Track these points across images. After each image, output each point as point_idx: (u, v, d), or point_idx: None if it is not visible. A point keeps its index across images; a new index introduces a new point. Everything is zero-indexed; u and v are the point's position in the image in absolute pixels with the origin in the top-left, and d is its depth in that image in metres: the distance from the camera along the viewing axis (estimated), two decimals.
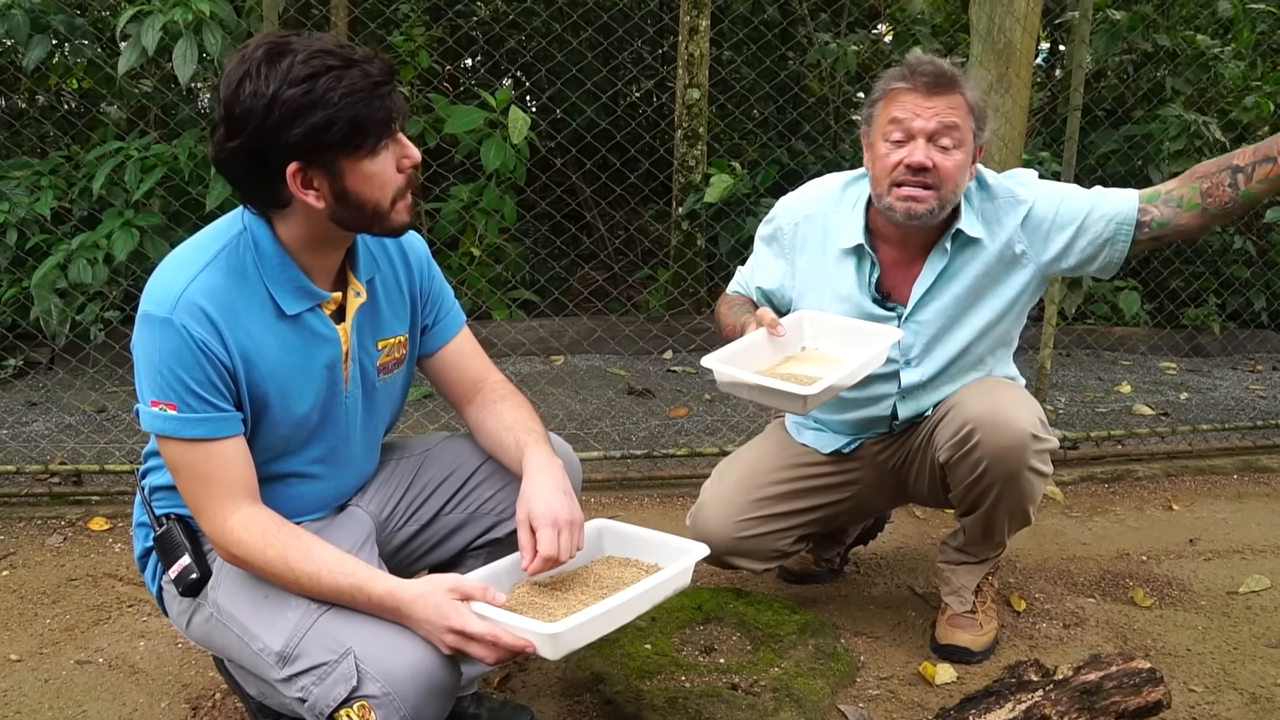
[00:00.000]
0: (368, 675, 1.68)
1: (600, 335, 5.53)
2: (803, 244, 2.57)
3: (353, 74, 1.66)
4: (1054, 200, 2.44)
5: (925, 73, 2.31)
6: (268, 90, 1.63)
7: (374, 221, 1.78)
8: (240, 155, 1.68)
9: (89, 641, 2.65)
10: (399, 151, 1.76)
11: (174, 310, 1.71)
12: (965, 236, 2.44)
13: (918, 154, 2.30)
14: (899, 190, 2.34)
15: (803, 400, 2.14)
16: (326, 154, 1.67)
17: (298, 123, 1.64)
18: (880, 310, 2.51)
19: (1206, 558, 3.27)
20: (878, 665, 2.59)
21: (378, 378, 2.00)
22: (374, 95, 1.67)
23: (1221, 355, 6.20)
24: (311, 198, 1.72)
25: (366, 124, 1.67)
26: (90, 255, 4.30)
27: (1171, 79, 5.96)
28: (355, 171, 1.71)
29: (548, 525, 1.83)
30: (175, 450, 1.77)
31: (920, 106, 2.30)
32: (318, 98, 1.63)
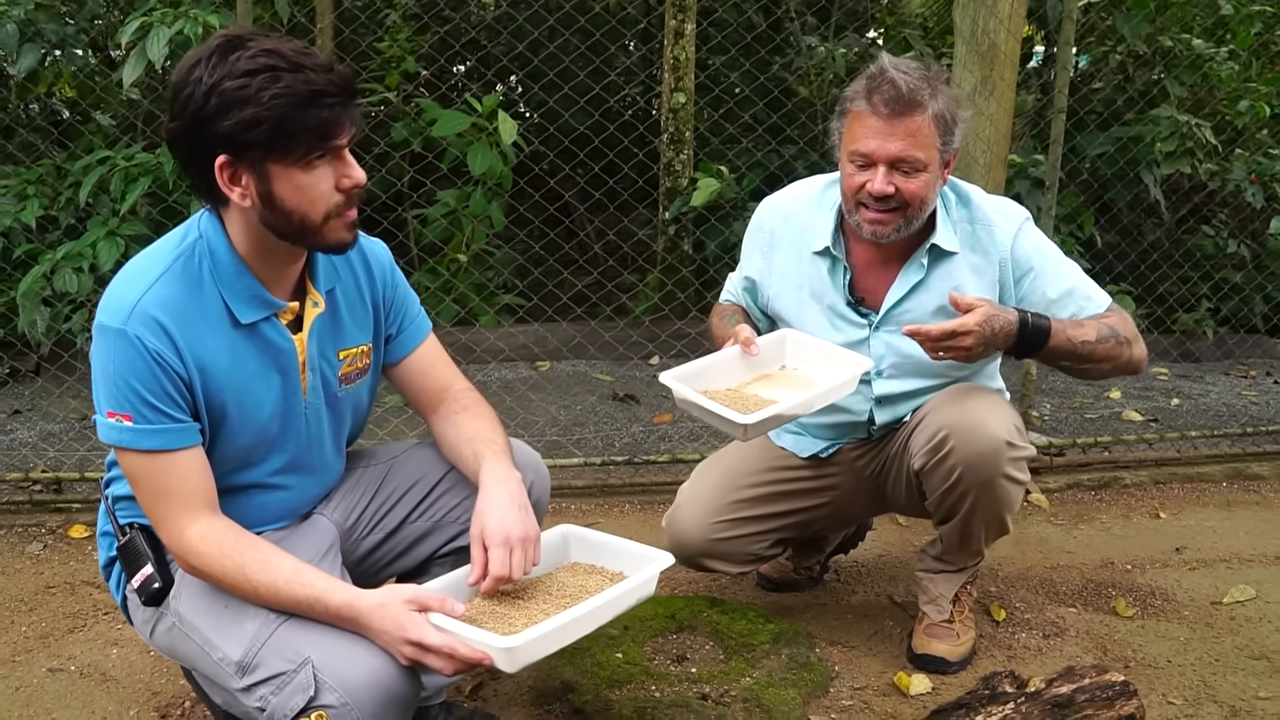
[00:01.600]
0: (325, 685, 1.66)
1: (585, 341, 5.52)
2: (780, 243, 2.57)
3: (294, 78, 1.65)
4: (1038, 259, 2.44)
5: (885, 95, 2.26)
6: (210, 79, 1.64)
7: (304, 233, 1.76)
8: (179, 138, 1.70)
9: (62, 649, 2.64)
10: (340, 170, 1.74)
11: (128, 321, 1.71)
12: (941, 250, 2.43)
13: (878, 182, 2.29)
14: (864, 212, 2.35)
15: (743, 428, 2.14)
16: (253, 152, 1.67)
17: (228, 115, 1.63)
18: (854, 315, 2.50)
19: (1192, 567, 3.25)
20: (852, 675, 2.57)
21: (340, 388, 1.99)
22: (310, 104, 1.65)
23: (1214, 360, 6.17)
24: (237, 195, 1.71)
25: (294, 130, 1.66)
26: (75, 265, 4.28)
27: (1166, 80, 5.94)
28: (284, 178, 1.70)
29: (499, 544, 1.82)
30: (132, 461, 1.76)
31: (880, 133, 2.27)
32: (250, 94, 1.63)
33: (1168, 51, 6.02)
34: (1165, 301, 5.88)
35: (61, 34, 4.58)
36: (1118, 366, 2.40)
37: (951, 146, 2.34)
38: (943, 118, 2.29)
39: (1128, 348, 2.38)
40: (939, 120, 2.28)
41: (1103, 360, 2.37)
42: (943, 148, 2.31)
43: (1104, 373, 2.43)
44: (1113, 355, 2.36)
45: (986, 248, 2.44)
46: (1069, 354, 2.32)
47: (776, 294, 2.59)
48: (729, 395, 2.28)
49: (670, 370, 2.27)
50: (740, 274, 2.68)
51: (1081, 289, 2.44)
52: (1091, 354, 2.34)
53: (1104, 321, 2.37)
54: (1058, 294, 2.42)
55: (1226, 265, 6.25)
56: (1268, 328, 6.40)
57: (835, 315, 2.51)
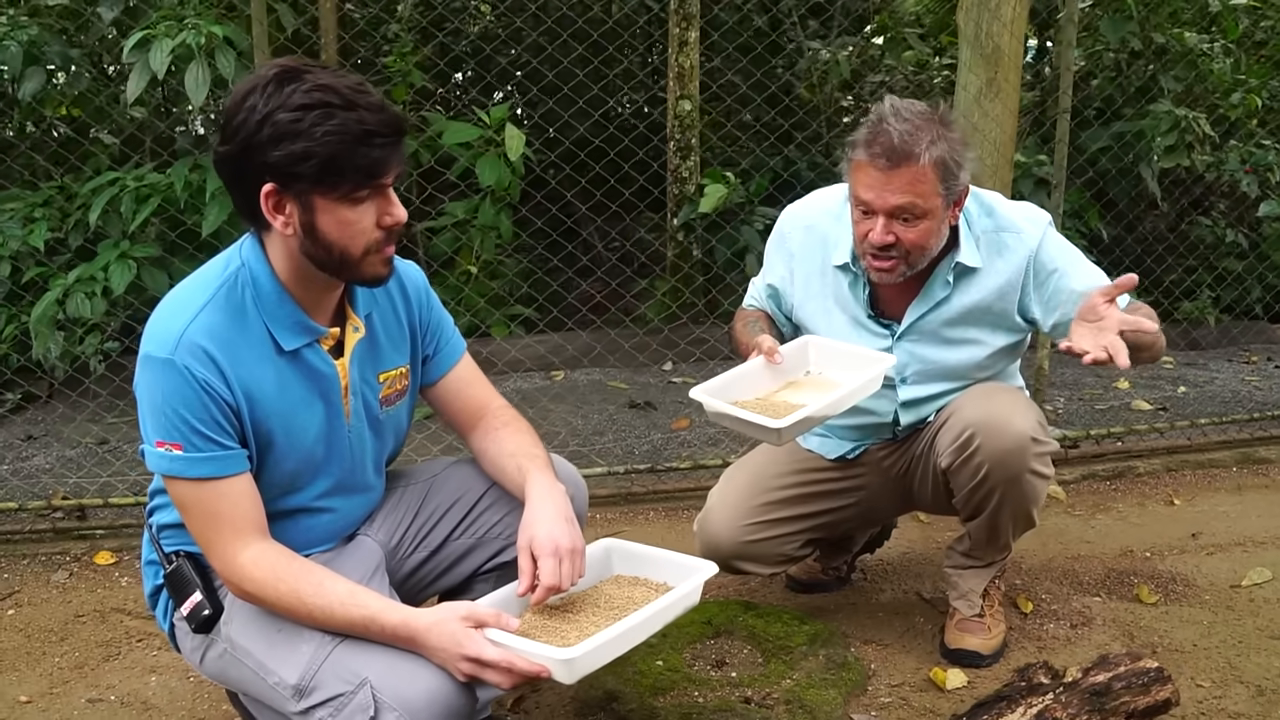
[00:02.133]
0: (385, 704, 1.69)
1: (600, 350, 5.54)
2: (803, 253, 2.60)
3: (347, 116, 1.67)
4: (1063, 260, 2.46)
5: (882, 146, 2.25)
6: (265, 108, 1.67)
7: (342, 267, 1.79)
8: (227, 161, 1.73)
9: (99, 679, 2.64)
10: (383, 208, 1.77)
11: (175, 351, 1.73)
12: (964, 267, 2.45)
13: (877, 233, 2.31)
14: (869, 259, 2.38)
15: (776, 433, 2.17)
16: (300, 184, 1.69)
17: (280, 146, 1.66)
18: (875, 325, 2.53)
19: (1209, 552, 3.29)
20: (888, 673, 2.60)
21: (381, 410, 2.01)
22: (362, 143, 1.68)
23: (1217, 348, 6.22)
24: (280, 223, 1.74)
25: (344, 168, 1.69)
26: (88, 289, 4.30)
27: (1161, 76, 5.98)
28: (329, 212, 1.73)
29: (549, 554, 1.84)
30: (183, 490, 1.78)
31: (878, 184, 2.28)
32: (303, 128, 1.65)
33: (1161, 47, 6.06)
34: (1169, 292, 5.92)
35: (66, 56, 4.59)
36: (1154, 354, 2.41)
37: (957, 188, 2.33)
38: (943, 163, 2.28)
39: (1160, 336, 2.39)
40: (939, 166, 2.27)
41: (1147, 349, 2.36)
42: (945, 192, 2.31)
43: (1143, 360, 2.41)
44: (1155, 342, 2.36)
45: (1015, 251, 2.46)
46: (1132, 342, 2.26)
47: (801, 303, 2.62)
48: (758, 404, 2.31)
49: (699, 385, 2.30)
50: (764, 281, 2.71)
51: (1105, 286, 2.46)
52: (1141, 342, 2.30)
53: (1143, 312, 2.37)
54: (1084, 288, 2.42)
55: (1226, 254, 6.30)
56: (1268, 314, 6.45)
57: (858, 325, 2.54)
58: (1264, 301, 6.40)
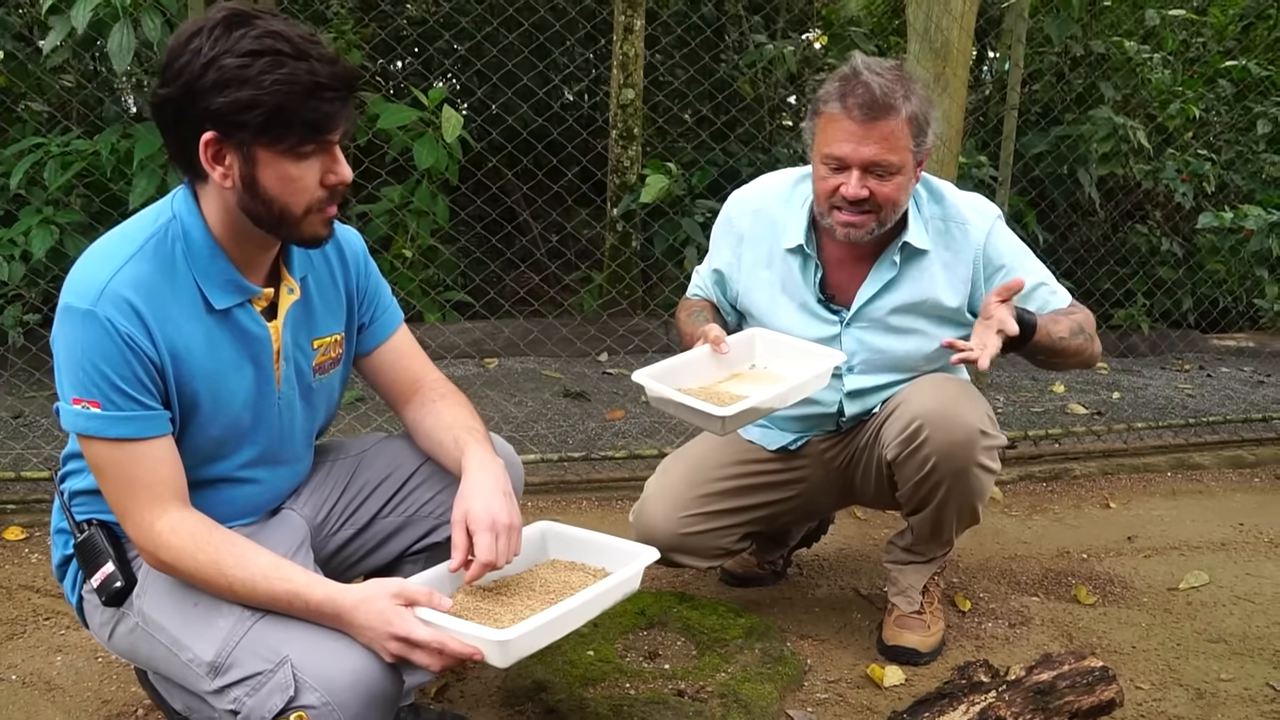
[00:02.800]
0: (306, 684, 1.60)
1: (536, 337, 5.46)
2: (750, 239, 2.54)
3: (297, 65, 1.59)
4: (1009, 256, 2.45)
5: (859, 100, 2.23)
6: (211, 52, 1.58)
7: (281, 224, 1.70)
8: (167, 106, 1.63)
9: (2, 658, 2.52)
10: (328, 165, 1.69)
11: (98, 302, 1.63)
12: (912, 248, 2.42)
13: (852, 186, 2.28)
14: (838, 214, 2.33)
15: (720, 421, 2.12)
16: (242, 134, 1.61)
17: (224, 92, 1.57)
18: (825, 311, 2.48)
19: (1146, 554, 3.29)
20: (825, 668, 2.56)
21: (314, 378, 1.92)
22: (312, 94, 1.60)
23: (1152, 355, 6.29)
24: (218, 174, 1.65)
25: (291, 120, 1.60)
26: (7, 252, 4.14)
27: (1101, 84, 6.04)
28: (271, 165, 1.64)
29: (485, 529, 1.76)
30: (99, 450, 1.68)
31: (854, 136, 2.25)
32: (250, 75, 1.56)
33: (1102, 55, 6.12)
34: (1104, 299, 5.97)
35: None
36: (1082, 361, 2.43)
37: (924, 147, 2.32)
38: (916, 119, 2.27)
39: (1090, 344, 2.40)
40: (912, 122, 2.26)
41: (1073, 355, 2.38)
42: (916, 149, 2.30)
43: (1069, 366, 2.46)
44: (1080, 350, 2.38)
45: (960, 245, 2.43)
46: (1046, 348, 2.33)
47: (746, 290, 2.56)
48: (702, 393, 2.25)
49: (642, 369, 2.23)
50: (709, 267, 2.65)
51: (1049, 284, 2.46)
52: (1065, 349, 2.35)
53: (1073, 318, 2.38)
54: (1029, 287, 2.42)
55: (1160, 263, 6.37)
56: (1200, 324, 6.54)
57: (807, 312, 2.49)
58: (1196, 312, 6.48)
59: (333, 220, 1.76)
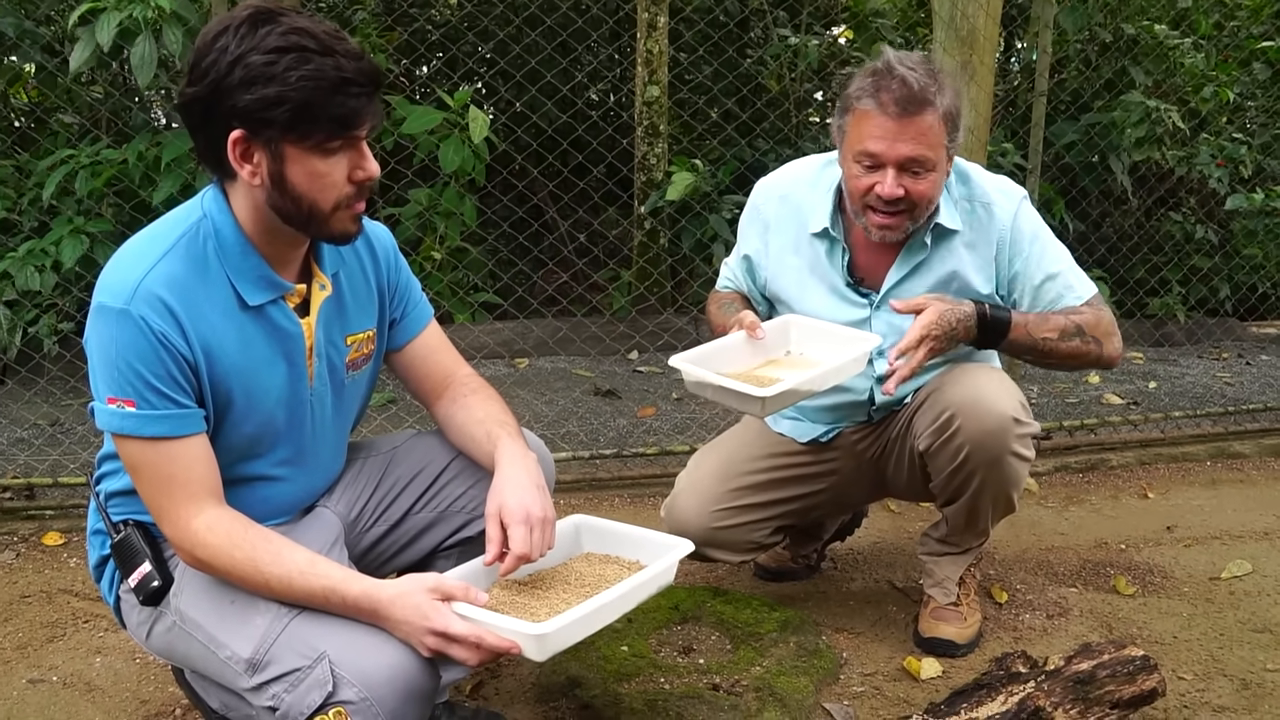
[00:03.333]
0: (344, 680, 1.60)
1: (565, 335, 5.46)
2: (777, 224, 2.52)
3: (323, 61, 1.59)
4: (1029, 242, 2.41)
5: (894, 95, 2.20)
6: (237, 50, 1.58)
7: (310, 221, 1.70)
8: (195, 105, 1.63)
9: (42, 659, 2.54)
10: (355, 161, 1.69)
11: (131, 301, 1.63)
12: (943, 229, 2.40)
13: (888, 185, 2.24)
14: (872, 215, 2.31)
15: (760, 402, 2.10)
16: (270, 131, 1.61)
17: (251, 90, 1.57)
18: (854, 295, 2.46)
19: (1186, 544, 3.25)
20: (861, 661, 2.54)
21: (347, 374, 1.92)
22: (338, 90, 1.60)
23: (1188, 344, 6.22)
24: (246, 172, 1.65)
25: (318, 115, 1.60)
26: (38, 262, 4.17)
27: (1131, 69, 5.97)
28: (299, 162, 1.64)
29: (519, 522, 1.76)
30: (134, 449, 1.69)
31: (890, 134, 2.21)
32: (276, 72, 1.57)
33: (1132, 40, 6.05)
34: (1138, 287, 5.91)
35: (20, 28, 4.45)
36: (1084, 364, 2.39)
37: (956, 142, 2.30)
38: (950, 115, 2.24)
39: (1096, 347, 2.35)
40: (947, 118, 2.23)
41: (1066, 357, 2.35)
42: (949, 145, 2.27)
43: (1069, 367, 2.42)
44: (1077, 353, 2.34)
45: (985, 226, 2.41)
46: (1029, 348, 2.31)
47: (775, 275, 2.54)
48: (738, 378, 2.24)
49: (679, 354, 2.22)
50: (738, 255, 2.64)
51: (1066, 277, 2.41)
52: (1054, 350, 2.32)
53: (1074, 319, 2.34)
54: (1042, 279, 2.40)
55: (1195, 251, 6.30)
56: (1237, 311, 6.46)
57: (836, 295, 2.47)
58: (1234, 299, 6.40)
59: (361, 216, 1.76)
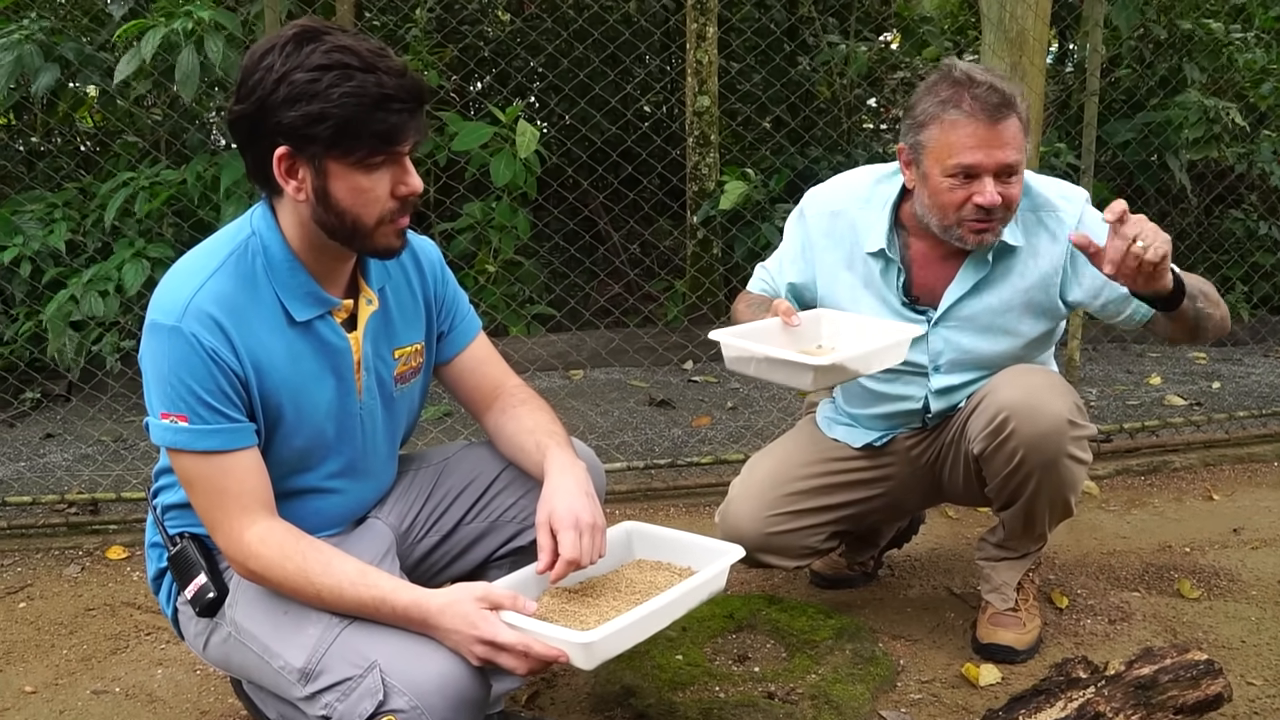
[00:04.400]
0: (394, 689, 1.61)
1: (619, 346, 5.46)
2: (827, 240, 2.49)
3: (365, 78, 1.61)
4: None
5: (985, 101, 2.17)
6: (282, 68, 1.61)
7: (354, 235, 1.72)
8: (242, 122, 1.67)
9: (106, 671, 2.59)
10: (398, 176, 1.71)
11: (183, 318, 1.66)
12: (1005, 245, 2.36)
13: (989, 195, 2.20)
14: (970, 225, 2.27)
15: (811, 372, 2.04)
16: (314, 147, 1.63)
17: (295, 107, 1.60)
18: (910, 313, 2.43)
19: (1254, 546, 3.18)
20: (918, 668, 2.51)
21: (395, 387, 1.94)
22: (379, 106, 1.62)
23: (1253, 343, 6.09)
24: (292, 188, 1.68)
25: (360, 131, 1.63)
26: (102, 287, 4.27)
27: (1188, 65, 5.87)
28: (342, 178, 1.67)
29: (569, 527, 1.77)
30: (188, 463, 1.72)
31: (986, 142, 2.18)
32: (320, 89, 1.59)
33: (1187, 36, 5.95)
34: None
35: (81, 54, 4.55)
36: (1214, 329, 2.28)
37: (1027, 144, 2.28)
38: (1026, 117, 2.24)
39: (1219, 310, 2.27)
40: (1025, 120, 2.23)
41: (1214, 321, 2.25)
42: (1024, 145, 2.25)
43: (1206, 335, 2.29)
44: (1216, 321, 2.26)
45: (1054, 232, 2.37)
46: (1193, 315, 2.20)
47: (827, 292, 2.50)
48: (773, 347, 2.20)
49: (718, 329, 2.19)
50: (783, 279, 2.58)
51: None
52: (1209, 317, 2.23)
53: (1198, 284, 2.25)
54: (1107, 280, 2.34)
55: (1257, 248, 6.17)
56: None
57: (891, 312, 2.44)
58: None
59: (405, 231, 1.78)
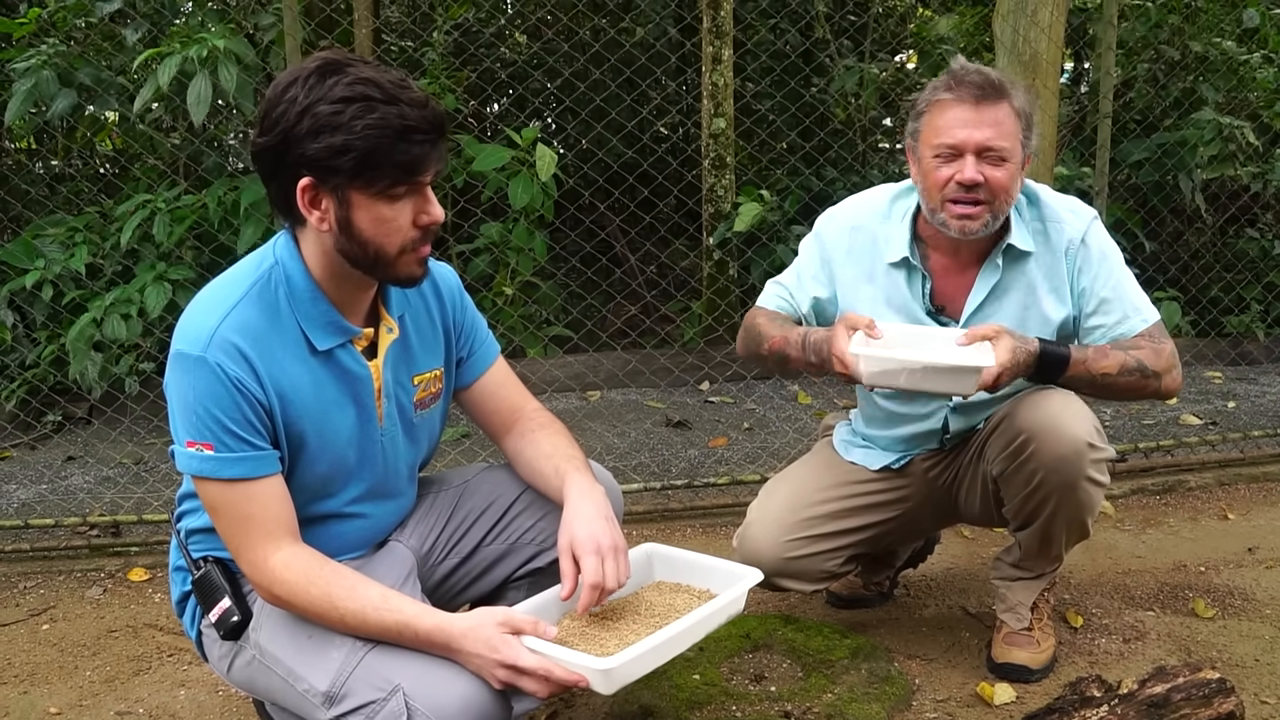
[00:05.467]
0: (418, 712, 1.64)
1: (635, 367, 5.49)
2: (847, 256, 2.51)
3: (388, 110, 1.64)
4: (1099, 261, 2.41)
5: (972, 83, 2.26)
6: (305, 100, 1.64)
7: (377, 265, 1.75)
8: (266, 154, 1.70)
9: (129, 692, 2.62)
10: (420, 206, 1.74)
11: (208, 348, 1.70)
12: (1016, 250, 2.40)
13: (968, 170, 2.26)
14: (953, 208, 2.31)
15: (976, 374, 2.12)
16: (337, 179, 1.67)
17: (318, 139, 1.64)
18: (933, 324, 2.46)
19: (1268, 566, 3.18)
20: (933, 688, 2.52)
21: (415, 413, 1.98)
22: (402, 138, 1.65)
23: (1269, 362, 6.08)
24: (315, 218, 1.71)
25: (382, 163, 1.66)
26: (124, 311, 4.32)
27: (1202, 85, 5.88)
28: (365, 208, 1.70)
29: (591, 552, 1.79)
30: (213, 491, 1.75)
31: (968, 121, 2.26)
32: (343, 121, 1.63)
33: (1201, 57, 5.97)
34: (1212, 306, 5.80)
35: (98, 78, 4.61)
36: (1141, 396, 2.39)
37: (1029, 145, 2.34)
38: (1024, 113, 2.31)
39: (1155, 380, 2.34)
40: (1021, 114, 2.30)
41: (1124, 391, 2.35)
42: (1024, 142, 2.32)
43: (1126, 399, 2.44)
44: (1135, 388, 2.34)
45: (1056, 245, 2.41)
46: (1086, 383, 2.32)
47: (849, 306, 2.51)
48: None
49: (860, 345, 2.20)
50: (804, 294, 2.58)
51: (1132, 300, 2.41)
52: (1111, 386, 2.33)
53: (1134, 354, 2.33)
54: (1108, 298, 2.40)
55: (1273, 267, 6.17)
56: None
57: (916, 324, 2.46)
58: None
59: (427, 259, 1.81)
